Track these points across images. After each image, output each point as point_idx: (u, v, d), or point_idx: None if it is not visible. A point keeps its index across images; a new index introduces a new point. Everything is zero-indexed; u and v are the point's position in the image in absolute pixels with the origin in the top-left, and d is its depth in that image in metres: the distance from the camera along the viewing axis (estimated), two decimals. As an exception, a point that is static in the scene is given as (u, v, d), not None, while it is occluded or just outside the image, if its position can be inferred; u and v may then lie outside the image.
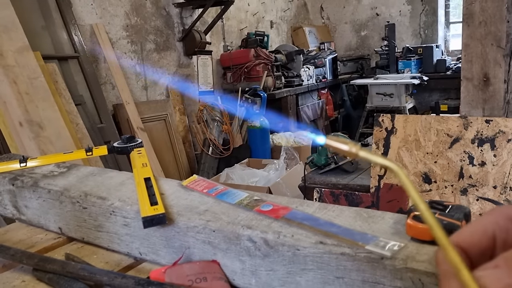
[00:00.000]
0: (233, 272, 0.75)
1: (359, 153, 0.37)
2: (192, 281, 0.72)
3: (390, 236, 0.67)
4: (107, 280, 0.73)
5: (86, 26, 3.54)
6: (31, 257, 0.82)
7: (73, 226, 0.97)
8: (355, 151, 0.37)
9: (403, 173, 0.37)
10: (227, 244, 0.74)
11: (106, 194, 0.92)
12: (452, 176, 1.74)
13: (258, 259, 0.71)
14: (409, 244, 0.65)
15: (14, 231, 1.04)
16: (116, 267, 0.86)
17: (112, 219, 0.89)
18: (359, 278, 0.63)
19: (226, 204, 0.81)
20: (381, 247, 0.63)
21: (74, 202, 0.95)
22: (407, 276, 0.60)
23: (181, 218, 0.79)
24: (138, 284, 0.71)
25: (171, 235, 0.81)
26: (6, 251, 0.85)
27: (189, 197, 0.87)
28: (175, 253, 0.81)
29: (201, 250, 0.78)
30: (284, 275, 0.69)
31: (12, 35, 2.32)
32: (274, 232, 0.70)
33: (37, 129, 2.32)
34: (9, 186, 1.06)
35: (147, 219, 0.76)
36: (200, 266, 0.75)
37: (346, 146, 0.38)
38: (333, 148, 0.38)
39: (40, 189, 1.01)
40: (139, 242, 0.86)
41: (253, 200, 0.81)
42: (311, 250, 0.66)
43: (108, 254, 0.91)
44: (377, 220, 0.72)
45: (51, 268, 0.79)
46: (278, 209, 0.75)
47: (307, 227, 0.70)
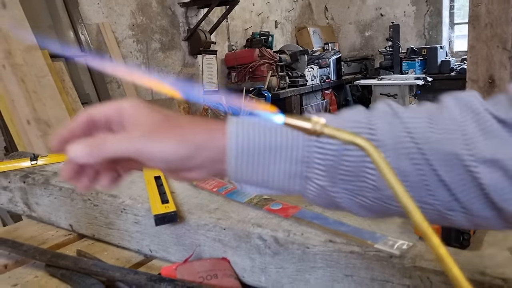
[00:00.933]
0: (243, 270, 0.76)
1: (324, 130, 0.33)
2: (203, 278, 0.73)
3: (398, 235, 0.68)
4: (119, 276, 0.75)
5: (93, 25, 3.56)
6: (43, 253, 0.84)
7: (84, 223, 0.98)
8: (319, 129, 0.33)
9: (375, 151, 0.32)
10: (237, 242, 0.75)
11: (117, 192, 0.94)
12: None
13: (268, 257, 0.72)
14: (418, 243, 0.66)
15: (25, 227, 1.06)
16: (126, 263, 0.87)
17: (123, 217, 0.90)
18: (368, 276, 0.64)
19: (235, 203, 0.83)
20: (390, 246, 0.64)
21: (85, 200, 0.96)
22: (416, 274, 0.62)
23: (192, 216, 0.81)
24: (150, 280, 0.72)
25: (182, 233, 0.82)
26: (19, 247, 0.86)
27: (199, 196, 0.88)
28: (185, 251, 0.82)
29: (211, 247, 0.79)
30: (294, 272, 0.71)
31: (20, 34, 2.34)
32: (284, 230, 0.71)
33: (45, 127, 2.34)
34: (21, 183, 1.08)
35: (159, 217, 0.78)
36: (210, 263, 0.76)
37: (309, 124, 0.34)
38: (293, 126, 0.34)
39: (51, 186, 1.02)
40: (150, 239, 0.88)
41: (262, 199, 0.82)
42: (320, 248, 0.67)
43: (119, 251, 0.93)
44: (385, 220, 0.73)
45: (64, 264, 0.80)
46: (288, 208, 0.77)
47: (317, 225, 0.71)
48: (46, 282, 0.80)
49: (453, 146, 0.41)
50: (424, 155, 0.41)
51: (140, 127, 0.44)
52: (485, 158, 0.40)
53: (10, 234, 1.00)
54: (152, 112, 0.45)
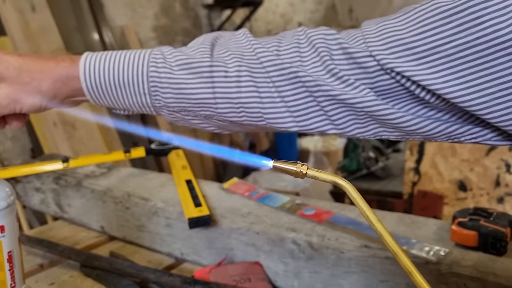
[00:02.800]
0: (276, 274, 0.76)
1: (307, 172, 0.38)
2: (236, 281, 0.74)
3: (434, 241, 0.68)
4: (154, 278, 0.76)
5: (117, 28, 3.59)
6: (79, 254, 0.85)
7: (115, 225, 1.00)
8: (303, 171, 0.38)
9: (353, 190, 0.38)
10: (270, 246, 0.76)
11: (148, 195, 0.95)
12: (488, 184, 1.72)
13: (302, 262, 0.73)
14: (454, 249, 0.65)
15: (58, 229, 1.08)
16: (158, 266, 0.88)
17: (154, 220, 0.91)
18: (403, 282, 0.64)
19: (268, 208, 0.83)
20: (426, 252, 0.64)
21: (117, 202, 0.98)
22: (452, 280, 0.61)
23: (225, 220, 0.81)
24: (185, 283, 0.73)
25: (214, 237, 0.83)
26: (54, 247, 0.88)
27: (230, 200, 0.89)
28: (217, 254, 0.83)
29: (244, 251, 0.79)
30: (327, 277, 0.71)
31: (49, 37, 2.38)
32: (319, 235, 0.72)
33: (70, 130, 2.37)
34: (53, 185, 1.10)
35: (193, 220, 0.78)
36: (244, 267, 0.76)
37: (294, 168, 0.38)
38: (281, 170, 0.39)
39: (83, 188, 1.04)
40: (181, 242, 0.88)
41: (295, 204, 0.82)
42: (355, 253, 0.68)
43: (150, 253, 0.94)
44: (420, 226, 0.73)
45: (99, 265, 0.81)
46: (321, 213, 0.77)
47: (351, 231, 0.71)
48: (81, 282, 0.82)
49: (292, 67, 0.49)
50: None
51: (5, 85, 0.52)
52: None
53: (44, 235, 1.02)
54: (12, 60, 0.53)
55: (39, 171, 1.11)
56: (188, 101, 0.52)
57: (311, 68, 0.49)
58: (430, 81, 0.42)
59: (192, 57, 0.52)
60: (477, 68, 0.40)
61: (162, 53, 0.53)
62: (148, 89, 0.52)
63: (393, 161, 2.51)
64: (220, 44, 0.54)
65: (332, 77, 0.48)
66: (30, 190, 1.15)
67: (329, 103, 0.49)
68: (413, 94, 0.46)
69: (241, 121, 0.53)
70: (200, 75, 0.51)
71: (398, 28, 0.45)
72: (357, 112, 0.49)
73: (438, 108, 0.46)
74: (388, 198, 2.03)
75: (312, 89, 0.49)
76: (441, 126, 0.47)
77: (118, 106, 0.55)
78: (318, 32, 0.50)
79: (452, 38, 0.40)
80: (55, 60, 0.54)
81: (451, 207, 1.82)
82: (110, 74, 0.52)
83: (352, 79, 0.48)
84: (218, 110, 0.52)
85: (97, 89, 0.53)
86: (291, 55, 0.50)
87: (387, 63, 0.45)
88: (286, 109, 0.51)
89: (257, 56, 0.51)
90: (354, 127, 0.51)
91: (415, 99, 0.47)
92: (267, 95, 0.51)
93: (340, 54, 0.48)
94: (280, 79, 0.50)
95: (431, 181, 1.86)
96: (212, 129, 0.57)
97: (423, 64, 0.42)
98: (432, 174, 1.86)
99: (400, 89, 0.46)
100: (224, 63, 0.51)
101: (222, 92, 0.51)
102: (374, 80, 0.47)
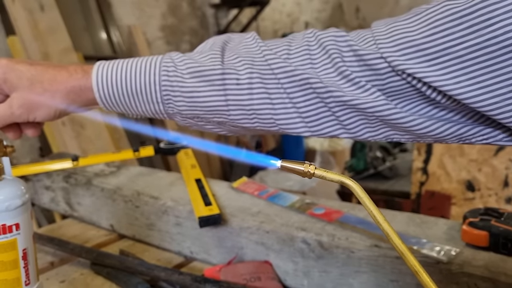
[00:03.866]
0: (285, 273, 0.77)
1: (315, 172, 0.38)
2: (246, 280, 0.74)
3: (444, 241, 0.68)
4: (164, 276, 0.76)
5: (124, 27, 3.61)
6: (89, 252, 0.86)
7: (124, 223, 1.00)
8: (311, 171, 0.38)
9: (361, 190, 0.38)
10: (280, 245, 0.76)
11: (158, 193, 0.95)
12: (496, 184, 1.72)
13: (312, 261, 0.73)
14: (465, 249, 0.66)
15: (67, 227, 1.08)
16: (167, 264, 0.88)
17: (164, 218, 0.92)
18: (413, 282, 0.64)
19: (278, 207, 0.83)
20: (437, 251, 0.64)
21: (127, 201, 0.98)
22: (463, 280, 0.62)
23: (235, 219, 0.82)
24: (195, 281, 0.73)
25: (224, 236, 0.83)
26: (65, 245, 0.89)
27: (240, 199, 0.89)
28: (227, 253, 0.83)
29: (254, 250, 0.80)
30: (337, 277, 0.71)
31: (57, 37, 2.39)
32: (329, 234, 0.72)
33: (79, 129, 2.39)
34: (63, 183, 1.11)
35: (203, 219, 0.79)
36: (254, 266, 0.77)
37: (302, 167, 0.39)
38: (288, 170, 0.40)
39: (93, 187, 1.05)
40: (191, 241, 0.89)
41: (304, 203, 0.83)
42: (365, 253, 0.68)
43: (159, 252, 0.94)
44: (430, 226, 0.73)
45: (110, 263, 0.82)
46: (331, 213, 0.77)
47: (361, 230, 0.71)
48: (92, 279, 0.82)
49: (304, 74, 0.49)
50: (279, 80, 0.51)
51: (19, 95, 0.53)
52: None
53: (54, 233, 1.03)
54: (24, 70, 0.53)
55: (49, 169, 1.12)
56: (201, 108, 0.52)
57: (322, 71, 0.49)
58: (442, 82, 0.42)
59: (203, 65, 0.52)
60: (488, 69, 0.40)
61: (173, 61, 0.53)
62: (161, 97, 0.52)
63: (400, 161, 2.51)
64: (230, 49, 0.54)
65: (343, 79, 0.48)
66: (40, 188, 1.16)
67: (340, 108, 0.49)
68: (424, 95, 0.46)
69: (254, 127, 0.54)
70: (212, 83, 0.51)
71: (409, 29, 0.45)
72: (368, 117, 0.49)
73: (450, 109, 0.46)
74: (395, 198, 2.03)
75: (323, 95, 0.49)
76: (453, 128, 0.47)
77: (131, 113, 0.56)
78: (328, 34, 0.50)
79: (463, 40, 0.41)
80: (68, 71, 0.54)
81: (459, 208, 1.82)
82: (123, 84, 0.52)
83: (363, 81, 0.48)
84: (230, 117, 0.52)
85: (110, 99, 0.53)
86: (302, 59, 0.50)
87: (398, 65, 0.45)
88: (298, 114, 0.51)
89: (268, 62, 0.51)
90: (365, 131, 0.51)
91: (426, 100, 0.47)
92: (279, 101, 0.51)
93: (351, 56, 0.48)
94: (291, 85, 0.50)
95: (439, 181, 1.86)
96: (224, 133, 0.58)
97: (434, 66, 0.43)
98: (440, 174, 1.86)
99: (411, 90, 0.46)
100: (235, 70, 0.51)
101: (234, 100, 0.51)
102: (385, 82, 0.47)
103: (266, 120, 0.52)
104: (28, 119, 0.54)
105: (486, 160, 1.72)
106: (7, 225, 0.48)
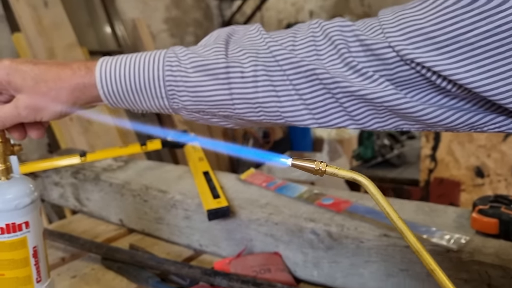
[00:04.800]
0: (295, 264, 0.77)
1: (326, 169, 0.38)
2: (256, 272, 0.74)
3: (454, 229, 0.68)
4: (174, 269, 0.76)
5: (128, 21, 3.60)
6: (99, 247, 0.86)
7: (133, 218, 1.01)
8: (322, 169, 0.38)
9: (373, 186, 0.37)
10: (289, 237, 0.76)
11: (166, 187, 0.95)
12: (505, 170, 1.71)
13: (321, 252, 0.73)
14: (475, 237, 0.65)
15: (77, 222, 1.09)
16: (177, 258, 0.89)
17: (173, 212, 0.92)
18: (424, 271, 0.64)
19: (286, 198, 0.83)
20: (447, 240, 0.64)
21: (135, 195, 0.98)
22: (474, 268, 0.61)
23: (243, 211, 0.82)
24: (205, 274, 0.73)
25: (233, 228, 0.83)
26: (76, 240, 0.89)
27: (248, 191, 0.89)
28: (236, 245, 0.84)
29: (263, 242, 0.80)
30: (347, 267, 0.71)
31: (62, 32, 2.39)
32: (337, 224, 0.72)
33: (86, 124, 2.39)
34: (72, 179, 1.11)
35: (212, 212, 0.79)
36: (263, 257, 0.77)
37: (313, 165, 0.39)
38: (299, 168, 0.39)
39: (101, 182, 1.05)
40: (200, 234, 0.89)
41: (313, 193, 0.82)
42: (375, 242, 0.67)
43: (168, 245, 0.94)
44: (439, 214, 0.73)
45: (120, 258, 0.82)
46: (340, 203, 0.77)
47: (370, 220, 0.71)
48: (103, 274, 0.83)
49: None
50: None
51: (24, 95, 0.53)
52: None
53: (64, 228, 1.04)
54: (27, 70, 0.53)
55: (57, 165, 1.12)
56: (206, 103, 0.52)
57: (328, 62, 0.49)
58: (452, 71, 0.42)
59: (207, 58, 0.51)
60: (499, 56, 0.39)
61: (176, 55, 0.52)
62: (166, 93, 0.52)
63: (409, 148, 2.49)
64: (234, 41, 0.54)
65: (350, 70, 0.48)
66: (49, 184, 1.16)
67: (347, 99, 0.49)
68: (434, 84, 0.45)
69: (260, 120, 0.53)
70: (216, 76, 0.51)
71: (417, 17, 0.44)
72: (377, 107, 0.48)
73: (461, 98, 0.46)
74: (404, 186, 2.02)
75: (330, 86, 0.48)
76: (464, 117, 0.46)
77: (136, 108, 0.55)
78: (333, 24, 0.50)
79: (473, 27, 0.40)
80: (71, 68, 0.54)
81: (468, 194, 1.81)
82: (126, 80, 0.52)
83: (370, 71, 0.47)
84: (236, 110, 0.52)
85: (114, 96, 0.53)
86: (307, 50, 0.50)
87: (406, 54, 0.44)
88: (305, 106, 0.50)
89: (272, 54, 0.50)
90: (374, 121, 0.50)
91: (437, 89, 0.46)
92: (285, 93, 0.50)
93: (357, 46, 0.47)
94: (297, 77, 0.49)
95: (447, 168, 1.85)
96: (231, 126, 0.57)
97: (444, 54, 0.42)
98: (448, 161, 1.85)
99: (421, 79, 0.45)
100: (240, 63, 0.51)
101: (239, 93, 0.51)
102: (394, 72, 0.46)
103: (272, 113, 0.52)
104: (35, 119, 0.54)
105: (495, 146, 1.70)
106: (16, 224, 0.49)
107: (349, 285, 0.72)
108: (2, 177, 0.49)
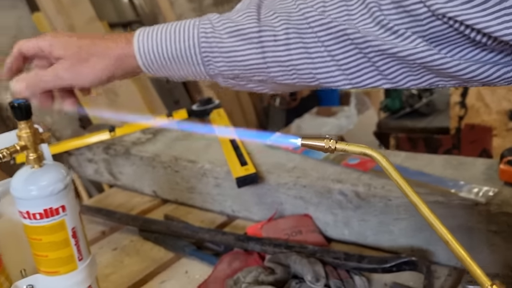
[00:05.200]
0: (326, 224, 0.78)
1: (336, 146, 0.39)
2: (288, 235, 0.76)
3: (482, 182, 0.67)
4: (208, 237, 0.79)
5: (145, -11, 3.57)
6: (136, 220, 0.90)
7: (166, 189, 1.03)
8: (332, 147, 0.39)
9: (384, 160, 0.38)
10: (318, 198, 0.77)
11: (195, 157, 0.97)
12: (540, 110, 1.66)
13: (350, 211, 0.74)
14: (503, 189, 0.65)
15: (113, 196, 1.12)
16: (211, 225, 0.91)
17: (203, 181, 0.94)
18: (454, 224, 0.64)
19: (313, 160, 0.84)
20: (475, 193, 0.64)
21: (166, 167, 1.01)
22: (503, 220, 0.61)
23: (271, 176, 0.83)
24: (238, 240, 0.76)
25: (263, 193, 0.85)
26: (112, 215, 0.93)
27: (275, 155, 0.90)
28: (267, 209, 0.85)
29: (293, 205, 0.81)
30: (377, 224, 0.72)
31: (80, 8, 2.39)
32: (364, 184, 0.72)
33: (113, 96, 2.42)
34: (104, 155, 1.14)
35: (240, 179, 0.80)
36: (294, 220, 0.78)
37: (322, 143, 0.39)
38: (309, 146, 0.40)
39: (132, 156, 1.08)
40: (231, 200, 0.91)
41: (339, 154, 0.83)
42: (403, 200, 0.68)
43: (202, 213, 0.97)
44: (468, 167, 0.72)
45: (156, 229, 0.85)
46: (366, 162, 0.77)
47: (397, 178, 0.71)
48: (141, 245, 0.86)
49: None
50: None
51: (66, 60, 0.56)
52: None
53: (101, 203, 1.07)
54: (71, 41, 0.57)
55: (88, 143, 1.15)
56: (240, 67, 0.53)
57: (360, 22, 0.48)
58: (485, 24, 0.40)
59: (240, 23, 0.52)
60: None
61: (211, 22, 0.53)
62: (202, 59, 0.53)
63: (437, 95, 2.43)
64: (266, 6, 0.54)
65: (381, 28, 0.47)
66: (83, 161, 1.20)
67: (380, 58, 0.48)
68: (468, 39, 0.44)
69: (294, 83, 0.54)
70: (249, 41, 0.51)
71: None
72: (410, 65, 0.47)
73: (497, 51, 0.44)
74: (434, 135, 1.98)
75: (361, 45, 0.48)
76: (501, 70, 0.45)
77: (174, 76, 0.57)
78: None
79: None
80: (113, 41, 0.56)
81: (501, 139, 1.78)
82: (164, 49, 0.54)
83: (402, 29, 0.46)
84: (270, 74, 0.53)
85: (153, 65, 0.55)
86: (338, 10, 0.49)
87: (438, 9, 0.42)
88: (337, 67, 0.50)
89: (304, 16, 0.50)
90: (408, 79, 0.50)
91: (471, 43, 0.45)
92: (317, 55, 0.50)
93: (388, 4, 0.46)
94: (328, 38, 0.49)
95: (478, 113, 1.81)
96: (266, 91, 0.58)
97: (476, 7, 0.40)
98: (479, 107, 1.81)
99: (454, 34, 0.44)
100: (272, 26, 0.51)
101: (272, 56, 0.52)
102: (426, 28, 0.45)
103: (305, 75, 0.52)
104: (72, 84, 0.57)
105: (526, 87, 1.65)
106: (53, 208, 0.51)
107: (380, 242, 0.73)
108: (36, 165, 0.51)
